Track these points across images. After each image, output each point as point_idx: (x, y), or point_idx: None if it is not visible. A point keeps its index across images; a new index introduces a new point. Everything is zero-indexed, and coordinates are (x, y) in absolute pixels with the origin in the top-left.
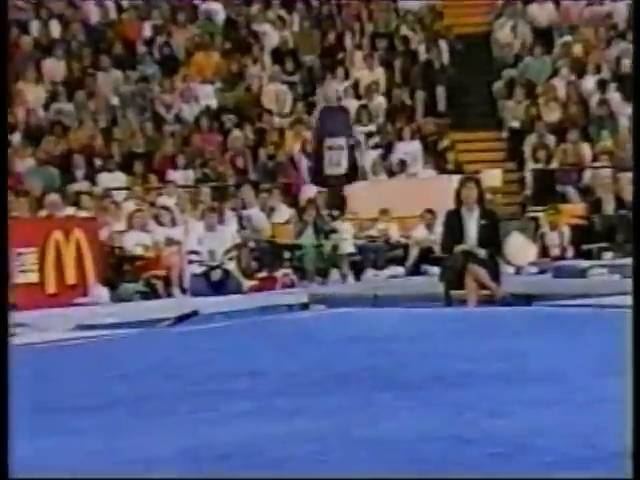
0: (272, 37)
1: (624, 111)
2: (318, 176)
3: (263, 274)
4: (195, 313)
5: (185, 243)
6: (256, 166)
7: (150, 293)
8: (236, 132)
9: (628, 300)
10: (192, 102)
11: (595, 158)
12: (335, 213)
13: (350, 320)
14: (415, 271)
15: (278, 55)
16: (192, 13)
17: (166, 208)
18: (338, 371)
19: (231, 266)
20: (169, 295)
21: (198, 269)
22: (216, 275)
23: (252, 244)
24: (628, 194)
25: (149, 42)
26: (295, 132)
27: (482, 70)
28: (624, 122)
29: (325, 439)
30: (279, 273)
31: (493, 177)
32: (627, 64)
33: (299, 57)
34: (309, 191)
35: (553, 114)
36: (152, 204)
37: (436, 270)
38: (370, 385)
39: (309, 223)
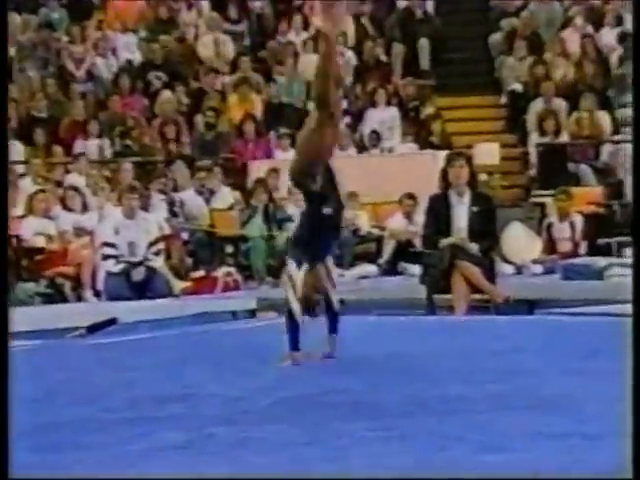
0: None
1: None
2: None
3: (199, 273)
4: (113, 321)
5: (99, 233)
6: (191, 137)
7: (55, 295)
8: (166, 94)
9: None
10: (109, 55)
11: (616, 130)
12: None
13: (308, 331)
14: (391, 270)
15: None
16: None
17: (75, 189)
18: (293, 394)
19: (158, 263)
20: (79, 299)
21: (115, 266)
22: (138, 274)
23: (185, 235)
24: None
25: None
26: (240, 95)
27: (476, 20)
28: None
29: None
30: (220, 272)
31: (489, 153)
32: None
33: (245, 1)
34: (259, 169)
35: (564, 74)
36: (57, 183)
37: (417, 269)
38: (334, 412)
39: (258, 209)
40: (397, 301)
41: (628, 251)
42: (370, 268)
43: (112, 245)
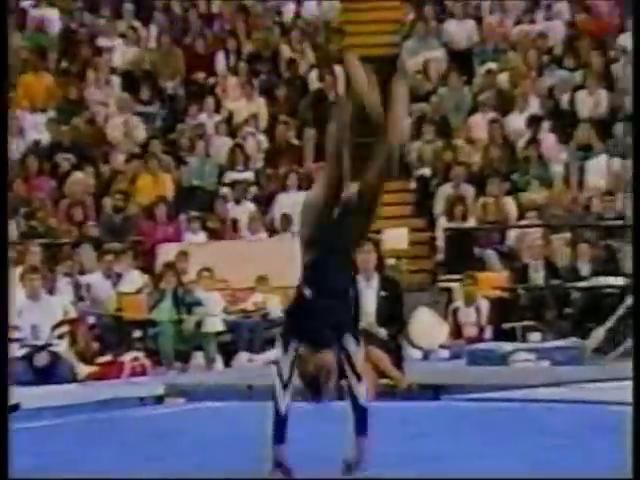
0: (123, 55)
1: (559, 156)
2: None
3: (106, 358)
4: (15, 408)
5: None
6: (99, 220)
7: None
8: (75, 175)
9: (562, 393)
10: (17, 136)
11: (522, 215)
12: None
13: (218, 418)
14: None
15: (130, 78)
16: (19, 20)
17: None
18: None
19: (62, 347)
20: None
21: (18, 350)
22: (42, 359)
23: (92, 319)
24: (563, 259)
25: None
26: (151, 177)
27: None
28: (558, 169)
29: None
30: (127, 357)
31: (397, 237)
32: (565, 97)
33: (157, 82)
34: (168, 252)
35: (472, 159)
36: None
37: None
38: None
39: (167, 293)
40: None
41: (533, 336)
42: (280, 353)
43: (15, 328)
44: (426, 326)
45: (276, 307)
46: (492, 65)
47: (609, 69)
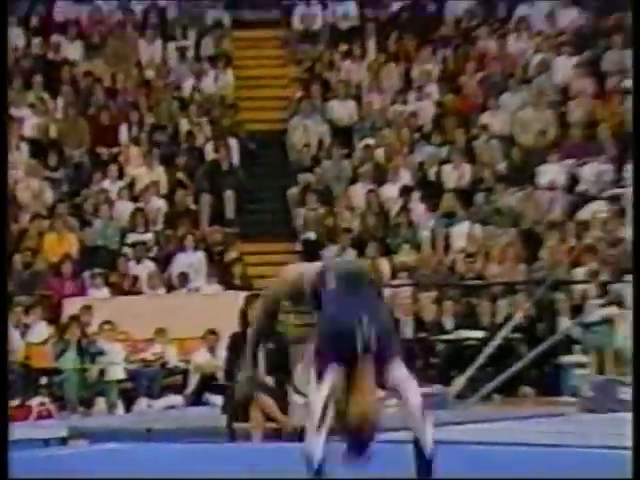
0: (31, 124)
1: (427, 222)
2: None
3: (14, 402)
4: None
5: None
6: (9, 276)
7: None
8: None
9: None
10: None
11: (394, 274)
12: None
13: (118, 458)
14: (196, 401)
15: (38, 146)
16: None
17: None
18: None
19: None
20: None
21: None
22: None
23: None
24: (429, 314)
25: None
26: (57, 237)
27: (276, 173)
28: (426, 234)
29: None
30: (34, 402)
31: None
32: (432, 170)
33: (63, 150)
34: (73, 306)
35: (351, 225)
36: None
37: (220, 400)
38: None
39: (72, 344)
40: (202, 429)
41: None
42: (177, 399)
43: None
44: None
45: (174, 357)
46: (370, 140)
47: (471, 145)
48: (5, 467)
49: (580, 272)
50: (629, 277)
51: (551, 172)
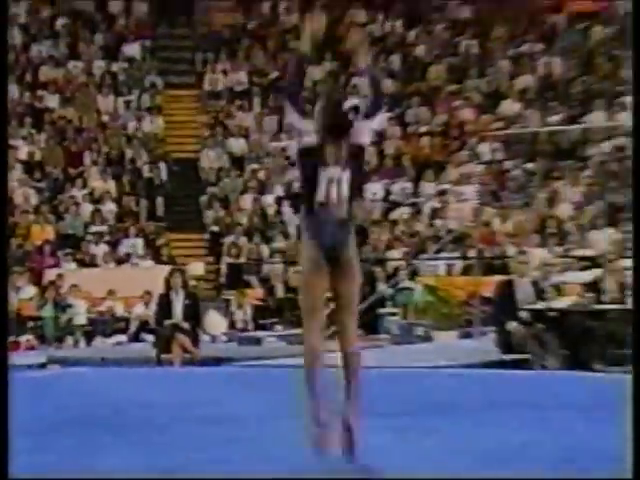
0: (23, 151)
1: (293, 221)
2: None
3: (10, 339)
4: None
5: None
6: (8, 253)
7: None
8: None
9: (294, 361)
10: None
11: (271, 255)
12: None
13: (81, 379)
14: (135, 339)
15: (28, 166)
16: None
17: None
18: (68, 417)
19: None
20: None
21: None
22: None
23: None
24: (295, 282)
25: None
26: (41, 227)
27: (192, 186)
28: (293, 230)
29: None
30: (23, 339)
31: (197, 268)
32: (296, 186)
33: (45, 168)
34: (50, 274)
35: (242, 222)
36: None
37: (151, 338)
38: (92, 429)
39: (49, 299)
40: (139, 358)
41: (277, 327)
42: (122, 337)
43: None
44: (213, 321)
45: (120, 309)
46: (255, 166)
47: None
48: (6, 467)
49: (392, 253)
50: (425, 255)
51: (374, 188)
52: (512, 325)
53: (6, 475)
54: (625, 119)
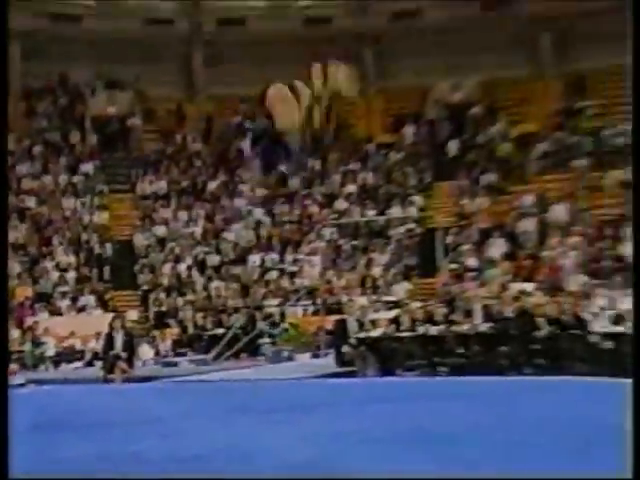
0: (11, 236)
1: (199, 282)
2: None
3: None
4: None
5: None
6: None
7: None
8: None
9: (201, 377)
10: None
11: (184, 305)
12: None
13: (50, 394)
14: (89, 365)
15: (13, 246)
16: None
17: None
18: (42, 420)
19: None
20: None
21: None
22: None
23: None
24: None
25: None
26: (23, 288)
27: (129, 259)
28: (199, 287)
29: None
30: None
31: (132, 315)
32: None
33: (26, 248)
34: (29, 321)
35: (165, 281)
36: None
37: (100, 364)
38: (59, 429)
39: (28, 338)
40: (92, 378)
41: (190, 354)
42: (79, 364)
43: None
44: (144, 351)
45: (79, 344)
46: (173, 244)
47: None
48: (5, 467)
49: (267, 302)
50: (289, 303)
51: (254, 258)
52: (345, 348)
53: (6, 475)
54: (412, 212)
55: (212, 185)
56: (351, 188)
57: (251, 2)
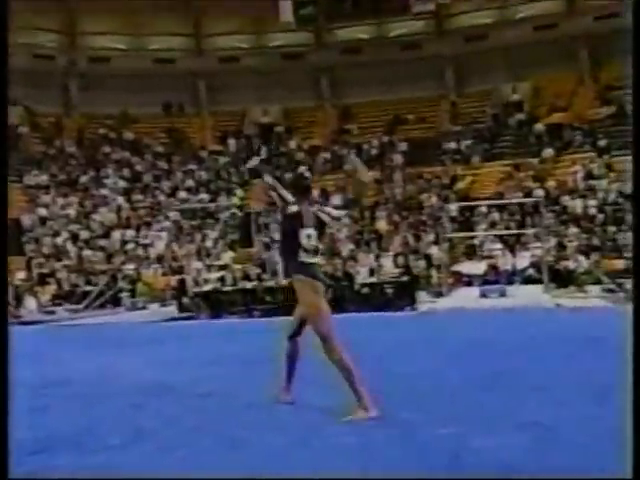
0: None
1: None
2: None
3: None
4: None
5: None
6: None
7: None
8: None
9: (73, 322)
10: None
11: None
12: None
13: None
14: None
15: None
16: None
17: None
18: None
19: None
20: None
21: None
22: None
23: None
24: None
25: None
26: None
27: None
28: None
29: None
30: None
31: (20, 275)
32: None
33: None
34: None
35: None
36: None
37: None
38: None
39: None
40: None
41: (66, 305)
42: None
43: None
44: (30, 302)
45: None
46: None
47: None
48: (5, 467)
49: (127, 266)
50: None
51: None
52: (185, 299)
53: (6, 475)
54: (235, 201)
55: (83, 178)
56: (190, 183)
57: (115, 44)
